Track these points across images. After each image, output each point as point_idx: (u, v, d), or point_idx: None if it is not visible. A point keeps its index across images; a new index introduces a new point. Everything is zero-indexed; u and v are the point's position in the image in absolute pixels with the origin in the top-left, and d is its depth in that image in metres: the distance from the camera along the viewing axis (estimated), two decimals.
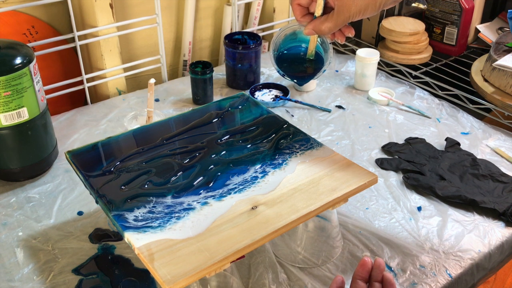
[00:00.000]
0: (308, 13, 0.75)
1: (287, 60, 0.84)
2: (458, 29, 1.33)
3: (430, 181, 0.92)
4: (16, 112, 0.85)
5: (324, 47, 0.82)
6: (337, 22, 0.70)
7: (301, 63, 0.84)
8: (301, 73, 0.85)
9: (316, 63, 0.83)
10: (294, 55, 0.84)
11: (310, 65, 0.83)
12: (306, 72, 0.85)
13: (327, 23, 0.71)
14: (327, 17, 0.71)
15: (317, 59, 0.83)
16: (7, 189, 0.91)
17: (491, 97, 1.13)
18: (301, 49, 0.83)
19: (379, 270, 0.69)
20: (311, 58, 0.82)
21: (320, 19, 0.72)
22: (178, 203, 0.67)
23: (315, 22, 0.72)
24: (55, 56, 1.15)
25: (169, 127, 0.83)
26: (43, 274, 0.74)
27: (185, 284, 0.56)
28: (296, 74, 0.85)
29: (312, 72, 0.84)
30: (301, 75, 0.86)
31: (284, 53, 0.84)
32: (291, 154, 0.77)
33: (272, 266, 0.75)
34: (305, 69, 0.84)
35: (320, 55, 0.83)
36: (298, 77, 0.86)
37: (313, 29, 0.73)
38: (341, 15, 0.69)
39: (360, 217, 0.86)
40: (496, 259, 0.82)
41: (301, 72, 0.85)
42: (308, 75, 0.85)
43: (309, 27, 0.73)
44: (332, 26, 0.71)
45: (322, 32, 0.72)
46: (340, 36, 0.75)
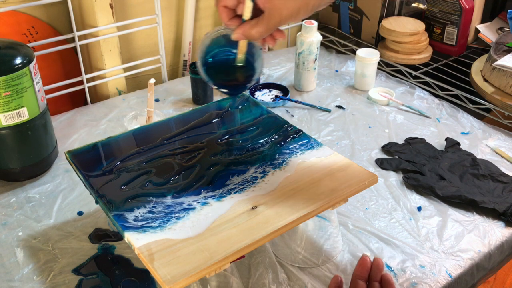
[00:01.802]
0: (236, 16, 0.67)
1: (216, 68, 0.74)
2: (458, 29, 1.33)
3: (430, 181, 0.92)
4: (16, 112, 0.85)
5: (255, 53, 0.73)
6: (268, 26, 0.64)
7: (232, 70, 0.74)
8: (232, 82, 0.76)
9: (247, 70, 0.73)
10: (223, 62, 0.74)
11: (241, 73, 0.74)
12: (237, 80, 0.75)
13: (257, 28, 0.64)
14: (257, 21, 0.64)
15: (248, 66, 0.73)
16: (7, 189, 0.91)
17: (491, 97, 1.13)
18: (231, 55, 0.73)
19: (378, 270, 0.69)
20: (240, 64, 0.72)
21: (249, 23, 0.65)
22: (178, 203, 0.67)
23: (245, 27, 0.65)
24: (55, 56, 1.15)
25: (169, 127, 0.82)
26: (43, 274, 0.74)
27: (185, 284, 0.56)
28: (227, 83, 0.76)
29: (243, 81, 0.74)
30: (232, 84, 0.76)
31: (212, 60, 0.74)
32: (291, 154, 0.77)
33: (272, 266, 0.75)
34: (236, 77, 0.75)
35: (250, 62, 0.73)
36: (230, 86, 0.76)
37: (243, 34, 0.66)
38: (272, 19, 0.63)
39: (360, 217, 0.86)
40: (496, 259, 0.82)
41: (232, 80, 0.76)
42: (240, 84, 0.75)
43: (238, 31, 0.66)
44: (263, 31, 0.64)
45: (252, 37, 0.65)
46: (270, 40, 0.69)
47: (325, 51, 1.44)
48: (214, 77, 0.74)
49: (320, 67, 1.35)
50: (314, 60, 1.19)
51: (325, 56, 1.42)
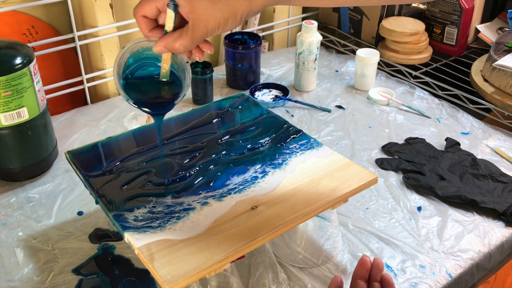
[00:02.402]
0: (158, 26, 0.61)
1: (136, 84, 0.66)
2: (458, 29, 1.33)
3: (430, 181, 0.92)
4: (16, 112, 0.85)
5: (180, 66, 0.66)
6: (193, 39, 0.58)
7: (155, 87, 0.67)
8: (156, 99, 0.68)
9: (173, 86, 0.67)
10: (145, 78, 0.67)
11: (166, 89, 0.67)
12: (162, 97, 0.68)
13: (181, 40, 0.58)
14: (181, 33, 0.58)
15: (174, 81, 0.66)
16: (7, 189, 0.91)
17: (491, 97, 1.13)
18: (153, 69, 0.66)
19: (378, 270, 0.69)
20: (165, 79, 0.65)
21: (172, 35, 0.59)
22: (178, 203, 0.67)
23: (167, 39, 0.59)
24: (55, 56, 1.15)
25: (169, 127, 0.82)
26: (43, 274, 0.74)
27: (185, 284, 0.56)
28: (150, 101, 0.68)
29: (170, 98, 0.67)
30: (157, 102, 0.68)
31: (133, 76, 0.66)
32: (291, 154, 0.77)
33: (272, 266, 0.75)
34: (162, 94, 0.67)
35: (177, 76, 0.66)
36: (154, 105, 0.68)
37: (165, 47, 0.60)
38: (198, 31, 0.58)
39: (360, 217, 0.86)
40: (496, 259, 0.82)
41: (156, 98, 0.68)
42: (166, 102, 0.67)
43: (160, 44, 0.60)
44: (188, 44, 0.59)
45: (176, 50, 0.59)
46: (197, 53, 0.63)
47: (325, 51, 1.44)
48: (134, 95, 0.66)
49: (320, 67, 1.35)
50: (314, 60, 1.19)
51: (325, 56, 1.42)
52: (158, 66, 0.65)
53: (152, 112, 0.68)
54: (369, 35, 1.40)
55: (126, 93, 0.66)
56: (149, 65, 0.66)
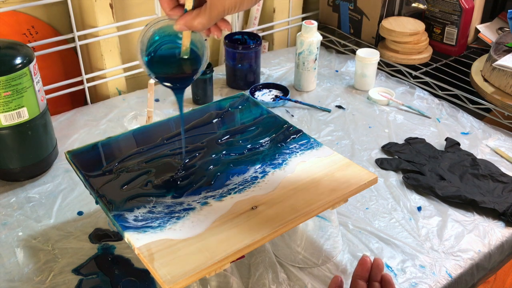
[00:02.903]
0: (178, 5, 0.65)
1: (159, 61, 0.70)
2: (458, 29, 1.33)
3: (430, 181, 0.92)
4: (16, 112, 0.85)
5: (199, 43, 0.70)
6: (211, 17, 0.62)
7: (176, 63, 0.71)
8: (178, 75, 0.72)
9: (192, 62, 0.71)
10: (167, 54, 0.70)
11: (186, 65, 0.71)
12: (184, 73, 0.72)
13: (199, 19, 0.62)
14: (199, 12, 0.62)
15: (194, 58, 0.70)
16: (7, 189, 0.91)
17: (491, 97, 1.13)
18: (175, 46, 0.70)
19: (378, 270, 0.69)
20: (185, 56, 0.69)
21: (191, 13, 0.62)
22: (178, 203, 0.67)
23: (187, 17, 0.63)
24: (55, 56, 1.15)
25: (169, 127, 0.82)
26: (43, 274, 0.74)
27: (185, 284, 0.56)
28: (171, 76, 0.72)
29: (190, 73, 0.71)
30: (177, 77, 0.72)
31: (156, 53, 0.70)
32: (291, 154, 0.77)
33: (272, 266, 0.75)
34: (182, 70, 0.72)
35: (196, 53, 0.70)
36: (174, 79, 0.72)
37: (185, 25, 0.63)
38: (215, 10, 0.61)
39: (360, 217, 0.86)
40: (496, 259, 0.82)
41: (178, 73, 0.72)
42: (186, 77, 0.72)
43: (180, 22, 0.63)
44: (205, 22, 0.62)
45: (195, 28, 0.63)
46: (216, 31, 0.66)
47: (325, 51, 1.44)
48: (157, 71, 0.70)
49: (320, 67, 1.35)
50: (314, 60, 1.19)
51: (325, 56, 1.42)
52: (179, 43, 0.68)
53: (173, 87, 0.72)
54: (369, 35, 1.40)
55: (150, 69, 0.70)
56: (170, 42, 0.70)
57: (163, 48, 0.70)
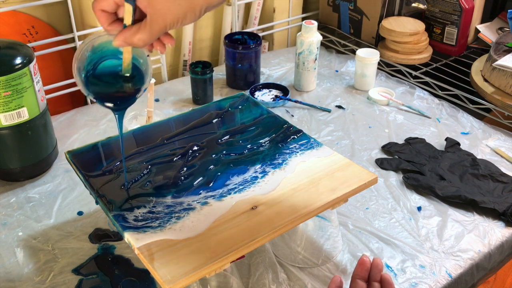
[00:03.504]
0: (117, 19, 0.60)
1: (100, 79, 0.65)
2: (458, 29, 1.33)
3: (430, 181, 0.92)
4: (16, 112, 0.85)
5: (143, 61, 0.65)
6: (152, 33, 0.58)
7: (118, 81, 0.65)
8: (119, 94, 0.66)
9: (136, 80, 0.65)
10: (108, 73, 0.65)
11: (128, 83, 0.65)
12: (125, 92, 0.66)
13: (139, 35, 0.58)
14: (139, 27, 0.58)
15: (137, 75, 0.65)
16: (7, 189, 0.91)
17: (491, 97, 1.13)
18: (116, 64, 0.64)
19: (378, 270, 0.69)
20: (127, 74, 0.64)
21: (131, 29, 0.58)
22: (178, 203, 0.67)
23: (126, 33, 0.58)
24: (55, 56, 1.15)
25: (169, 127, 0.82)
26: (43, 274, 0.74)
27: (185, 284, 0.56)
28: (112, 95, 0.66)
29: (132, 92, 0.66)
30: (119, 96, 0.66)
31: (96, 71, 0.64)
32: (291, 154, 0.77)
33: (272, 266, 0.75)
34: (123, 89, 0.66)
35: (139, 70, 0.65)
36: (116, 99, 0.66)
37: (124, 41, 0.59)
38: (156, 25, 0.57)
39: (360, 217, 0.86)
40: (496, 259, 0.82)
41: (119, 92, 0.66)
42: (128, 97, 0.66)
43: (119, 38, 0.59)
44: (146, 38, 0.58)
45: (135, 45, 0.59)
46: (159, 46, 0.62)
47: (325, 51, 1.44)
48: (96, 90, 0.65)
49: (320, 67, 1.35)
50: (314, 60, 1.19)
51: (325, 56, 1.42)
52: (120, 59, 0.63)
53: (114, 108, 0.67)
54: (369, 35, 1.40)
55: (88, 88, 0.64)
56: (111, 59, 0.64)
57: (103, 66, 0.65)
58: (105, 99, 0.66)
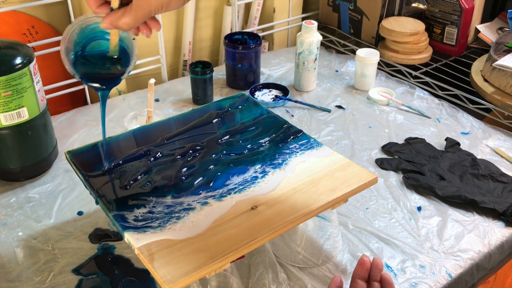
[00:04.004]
0: (106, 2, 0.62)
1: (85, 60, 0.68)
2: (458, 29, 1.33)
3: (430, 181, 0.92)
4: (16, 112, 0.85)
5: (129, 43, 0.69)
6: (136, 17, 0.60)
7: (106, 63, 0.69)
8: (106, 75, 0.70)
9: (122, 61, 0.69)
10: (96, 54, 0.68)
11: (115, 65, 0.69)
12: (111, 73, 0.69)
13: (124, 19, 0.60)
14: (125, 11, 0.60)
15: (124, 57, 0.68)
16: (7, 189, 0.91)
17: (491, 97, 1.13)
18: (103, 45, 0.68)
19: (378, 270, 0.69)
20: (114, 56, 0.68)
21: (117, 12, 0.61)
22: (178, 203, 0.67)
23: (112, 16, 0.61)
24: (55, 56, 1.15)
25: (169, 127, 0.82)
26: (43, 274, 0.74)
27: (185, 284, 0.56)
28: (99, 76, 0.70)
29: (119, 73, 0.69)
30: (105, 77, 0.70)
31: (84, 52, 0.67)
32: (291, 154, 0.77)
33: (272, 266, 0.75)
34: (110, 70, 0.69)
35: (126, 52, 0.68)
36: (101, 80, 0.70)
37: (111, 24, 0.61)
38: (140, 10, 0.59)
39: (360, 217, 0.86)
40: (496, 259, 0.82)
41: (106, 74, 0.70)
42: (114, 77, 0.70)
43: (106, 21, 0.61)
44: (131, 22, 0.60)
45: (121, 28, 0.61)
46: (145, 29, 0.65)
47: (325, 51, 1.44)
48: (84, 70, 0.68)
49: (320, 67, 1.35)
50: (314, 60, 1.19)
51: (325, 56, 1.42)
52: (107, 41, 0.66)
53: (99, 87, 0.70)
54: (369, 35, 1.40)
55: (75, 68, 0.67)
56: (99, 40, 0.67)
57: (91, 47, 0.68)
58: (92, 80, 0.69)
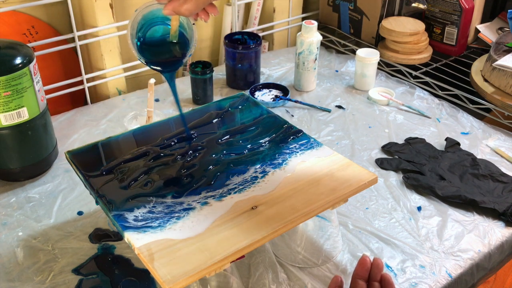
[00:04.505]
0: None
1: (149, 45, 0.73)
2: (458, 29, 1.33)
3: (430, 181, 0.92)
4: (16, 112, 0.85)
5: (188, 28, 0.73)
6: (198, 3, 0.64)
7: (166, 47, 0.74)
8: (167, 59, 0.75)
9: (181, 46, 0.74)
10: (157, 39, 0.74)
11: (175, 49, 0.74)
12: (173, 57, 0.75)
13: (186, 5, 0.64)
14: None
15: (183, 41, 0.73)
16: (7, 189, 0.91)
17: (491, 97, 1.13)
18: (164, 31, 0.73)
19: (378, 269, 0.69)
20: (174, 40, 0.73)
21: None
22: (178, 203, 0.67)
23: (174, 3, 0.64)
24: (55, 56, 1.15)
25: (169, 127, 0.82)
26: (43, 274, 0.74)
27: (185, 284, 0.56)
28: (162, 60, 0.75)
29: (179, 57, 0.74)
30: (167, 61, 0.75)
31: (146, 37, 0.73)
32: (291, 154, 0.77)
33: (272, 266, 0.75)
34: (171, 54, 0.75)
35: (185, 37, 0.73)
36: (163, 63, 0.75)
37: (173, 10, 0.65)
38: None
39: (360, 217, 0.86)
40: (496, 259, 0.82)
41: (168, 58, 0.75)
42: (175, 61, 0.75)
43: (168, 7, 0.65)
44: (192, 8, 0.64)
45: (182, 14, 0.65)
46: (203, 15, 0.68)
47: (325, 51, 1.44)
48: (147, 55, 0.73)
49: (320, 67, 1.35)
50: (314, 60, 1.19)
51: (325, 56, 1.42)
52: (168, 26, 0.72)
53: (163, 70, 0.75)
54: (369, 35, 1.40)
55: (141, 53, 0.73)
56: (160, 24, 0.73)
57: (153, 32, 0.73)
58: (155, 64, 0.74)
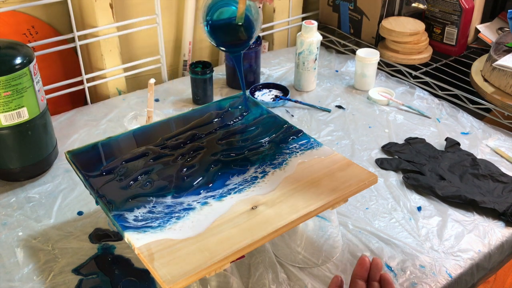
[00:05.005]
0: None
1: (217, 27, 0.79)
2: (458, 29, 1.33)
3: (430, 181, 0.92)
4: (16, 112, 0.85)
5: (254, 11, 0.78)
6: None
7: (232, 29, 0.79)
8: (234, 41, 0.80)
9: (246, 29, 0.78)
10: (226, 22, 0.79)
11: (241, 31, 0.79)
12: (239, 39, 0.80)
13: None
14: None
15: (248, 25, 0.78)
16: (7, 189, 0.91)
17: (491, 97, 1.13)
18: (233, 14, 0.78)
19: (377, 269, 0.69)
20: (240, 22, 0.77)
21: None
22: (178, 203, 0.67)
23: None
24: (55, 56, 1.15)
25: (169, 127, 0.82)
26: (43, 274, 0.74)
27: (185, 284, 0.56)
28: (229, 42, 0.81)
29: (245, 40, 0.79)
30: (234, 43, 0.81)
31: (214, 20, 0.78)
32: (291, 154, 0.77)
33: (272, 266, 0.75)
34: (238, 36, 0.79)
35: (250, 20, 0.78)
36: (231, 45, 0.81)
37: None
38: None
39: (360, 217, 0.86)
40: (496, 259, 0.82)
41: (234, 40, 0.80)
42: (242, 43, 0.80)
43: None
44: None
45: None
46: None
47: (325, 51, 1.44)
48: (216, 37, 0.78)
49: (320, 67, 1.35)
50: (314, 60, 1.19)
51: (325, 56, 1.42)
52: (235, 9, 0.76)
53: (230, 50, 0.82)
54: (369, 35, 1.40)
55: (210, 35, 0.79)
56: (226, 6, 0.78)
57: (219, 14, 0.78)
58: (223, 45, 0.80)
